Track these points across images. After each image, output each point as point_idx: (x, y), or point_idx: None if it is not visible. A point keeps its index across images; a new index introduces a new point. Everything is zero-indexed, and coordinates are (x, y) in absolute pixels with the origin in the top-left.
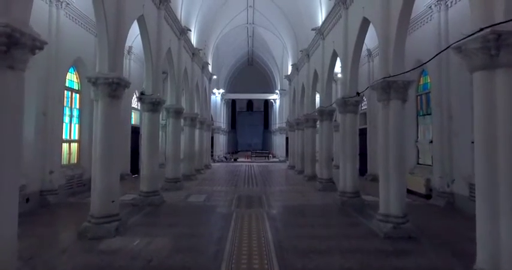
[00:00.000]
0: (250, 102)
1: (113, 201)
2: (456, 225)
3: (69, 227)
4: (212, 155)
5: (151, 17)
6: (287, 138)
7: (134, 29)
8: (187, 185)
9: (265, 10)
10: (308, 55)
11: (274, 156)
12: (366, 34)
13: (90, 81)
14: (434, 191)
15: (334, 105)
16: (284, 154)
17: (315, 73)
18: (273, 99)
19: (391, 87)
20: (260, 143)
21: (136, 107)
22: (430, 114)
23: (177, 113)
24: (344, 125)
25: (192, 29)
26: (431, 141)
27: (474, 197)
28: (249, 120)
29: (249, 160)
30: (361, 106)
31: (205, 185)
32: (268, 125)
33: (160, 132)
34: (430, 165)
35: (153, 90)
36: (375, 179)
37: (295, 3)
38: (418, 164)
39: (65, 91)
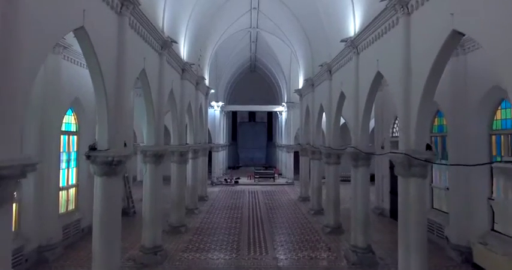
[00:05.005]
0: (252, 113)
1: None
2: None
3: None
4: (210, 173)
5: (103, 26)
6: (296, 153)
7: None
8: (171, 248)
9: (272, 12)
10: (330, 71)
11: (280, 174)
12: (450, 54)
13: None
14: None
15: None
16: (292, 174)
17: (341, 96)
18: (279, 111)
19: None
20: (263, 157)
21: None
22: None
23: (157, 156)
24: (406, 196)
25: (182, 40)
26: None
27: None
28: (251, 132)
29: (251, 181)
30: (394, 132)
31: (195, 250)
32: (272, 137)
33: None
34: None
35: (110, 143)
36: None
37: (313, 5)
38: (492, 230)
39: None
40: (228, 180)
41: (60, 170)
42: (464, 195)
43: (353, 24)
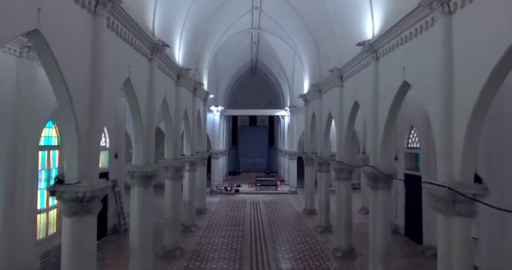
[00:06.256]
0: (253, 116)
1: None
2: None
3: None
4: (209, 180)
5: (70, 28)
6: (299, 158)
7: None
8: None
9: (275, 12)
10: (341, 77)
11: (282, 181)
12: None
13: None
14: None
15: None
16: (295, 181)
17: (355, 105)
18: (281, 116)
19: None
20: (265, 163)
21: (103, 145)
22: None
23: (147, 178)
24: (449, 238)
25: (177, 43)
26: None
27: None
28: (252, 136)
29: (253, 189)
30: (409, 143)
31: None
32: (274, 141)
33: None
34: None
35: (80, 175)
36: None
37: (321, 5)
38: None
39: None
40: (228, 189)
41: (38, 190)
42: (500, 219)
43: (371, 26)
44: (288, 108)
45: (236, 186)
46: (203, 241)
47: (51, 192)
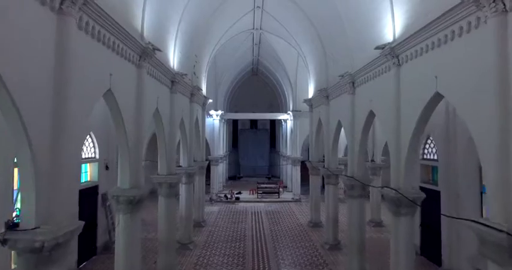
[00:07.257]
0: (254, 119)
1: None
2: None
3: None
4: (208, 185)
5: (24, 30)
6: (302, 163)
7: None
8: None
9: (279, 12)
10: (353, 83)
11: (285, 187)
12: None
13: None
14: None
15: None
16: (299, 188)
17: (370, 115)
18: (283, 119)
19: None
20: (266, 167)
21: (92, 156)
22: None
23: (134, 203)
24: None
25: (171, 46)
26: None
27: None
28: (253, 140)
29: (254, 197)
30: (425, 154)
31: None
32: (275, 145)
33: None
34: None
35: (40, 217)
36: None
37: (331, 4)
38: None
39: None
40: (229, 196)
41: (14, 212)
42: None
43: (391, 27)
44: (290, 112)
45: (236, 194)
46: (201, 262)
47: (2, 241)
